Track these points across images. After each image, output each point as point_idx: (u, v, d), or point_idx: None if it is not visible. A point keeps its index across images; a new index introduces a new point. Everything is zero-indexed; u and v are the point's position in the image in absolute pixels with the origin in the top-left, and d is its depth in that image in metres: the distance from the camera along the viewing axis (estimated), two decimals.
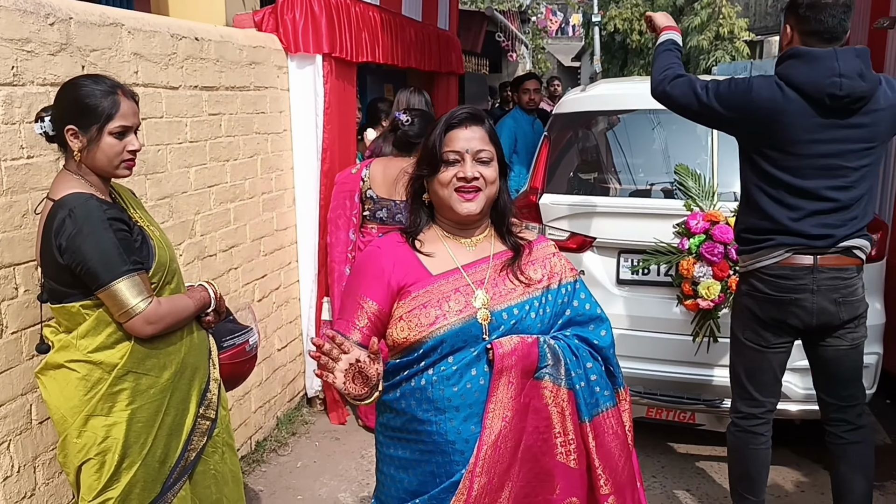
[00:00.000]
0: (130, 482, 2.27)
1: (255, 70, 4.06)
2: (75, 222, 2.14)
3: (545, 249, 2.06)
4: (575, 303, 2.01)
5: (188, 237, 3.47)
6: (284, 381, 4.51)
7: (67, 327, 2.27)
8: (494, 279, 1.95)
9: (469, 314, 1.88)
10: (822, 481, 3.91)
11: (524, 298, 1.94)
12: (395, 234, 2.02)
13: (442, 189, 1.92)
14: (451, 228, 2.00)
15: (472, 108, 2.00)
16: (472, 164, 1.90)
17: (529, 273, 1.97)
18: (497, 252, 2.00)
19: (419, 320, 1.87)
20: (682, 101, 2.99)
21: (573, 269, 2.07)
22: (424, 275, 1.92)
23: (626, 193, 4.13)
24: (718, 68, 18.97)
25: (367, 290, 1.92)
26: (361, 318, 1.90)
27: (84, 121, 2.21)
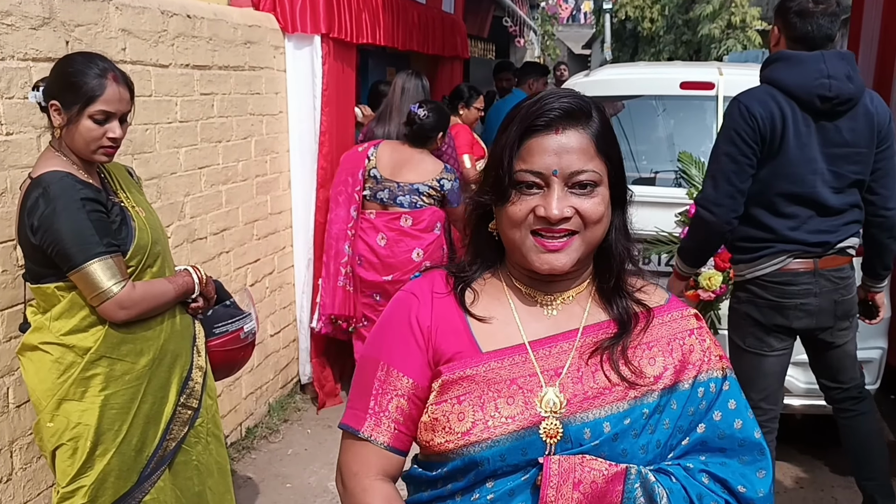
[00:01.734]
0: (104, 470, 2.21)
1: (251, 50, 3.98)
2: (48, 201, 2.08)
3: (678, 323, 1.32)
4: (716, 414, 1.28)
5: (177, 219, 3.40)
6: (277, 367, 4.46)
7: (44, 308, 2.22)
8: (579, 369, 1.25)
9: (527, 424, 1.20)
10: (821, 478, 3.85)
11: (625, 405, 1.23)
12: (439, 277, 1.35)
13: (512, 229, 1.24)
14: (528, 280, 1.32)
15: (574, 98, 1.24)
16: (561, 194, 1.20)
17: (642, 362, 1.26)
18: (592, 323, 1.29)
19: (448, 424, 1.22)
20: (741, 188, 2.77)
21: (723, 356, 1.32)
22: (469, 349, 1.27)
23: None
24: (730, 57, 18.80)
25: (397, 359, 1.29)
26: (397, 405, 1.27)
27: (67, 98, 2.15)
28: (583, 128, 1.23)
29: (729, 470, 1.26)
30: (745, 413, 1.29)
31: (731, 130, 2.75)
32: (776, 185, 2.75)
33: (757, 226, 2.82)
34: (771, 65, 2.81)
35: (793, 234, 2.78)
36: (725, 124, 2.80)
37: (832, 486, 3.77)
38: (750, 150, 2.72)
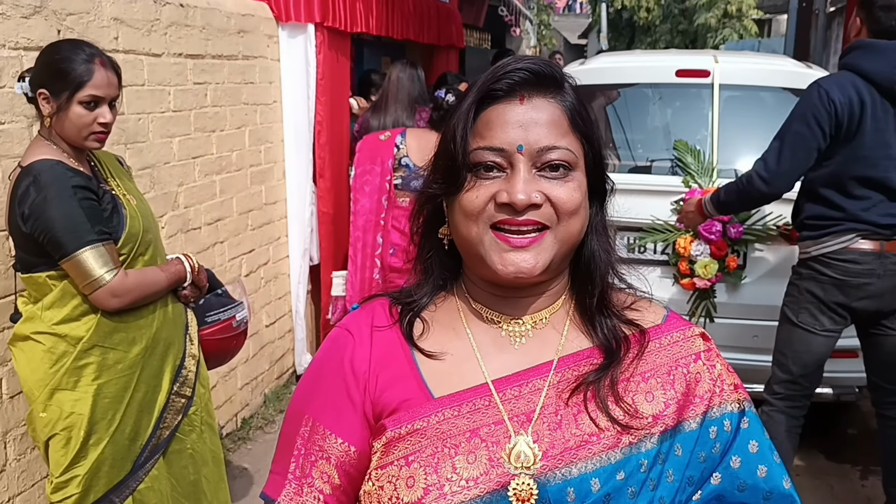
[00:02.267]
0: (98, 459, 2.21)
1: (244, 39, 3.96)
2: (39, 189, 2.07)
3: (681, 345, 1.06)
4: (734, 461, 1.03)
5: (171, 209, 3.38)
6: (272, 357, 4.45)
7: (35, 298, 2.20)
8: (557, 411, 0.99)
9: (493, 487, 0.95)
10: (817, 466, 3.86)
11: (618, 454, 0.97)
12: (381, 307, 1.09)
13: (467, 223, 0.98)
14: (489, 298, 1.05)
15: (540, 61, 1.01)
16: (528, 176, 0.96)
17: (636, 398, 1.01)
18: (571, 352, 1.03)
19: (396, 493, 0.96)
20: (801, 168, 2.91)
21: (738, 385, 1.07)
22: (417, 396, 1.00)
23: (624, 169, 4.03)
24: (726, 46, 18.77)
25: (330, 417, 1.03)
26: (323, 471, 1.02)
27: (55, 85, 2.14)
28: (553, 97, 0.99)
29: None
30: (771, 457, 1.04)
31: (806, 112, 2.84)
32: (850, 169, 2.84)
33: (828, 205, 2.91)
34: (852, 52, 2.91)
35: (864, 215, 2.85)
36: (802, 105, 2.89)
37: (828, 474, 3.78)
38: (821, 134, 2.81)
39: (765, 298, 3.64)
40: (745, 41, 18.68)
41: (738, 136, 3.86)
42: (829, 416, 4.15)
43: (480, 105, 0.99)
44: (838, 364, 3.53)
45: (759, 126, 3.96)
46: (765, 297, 3.64)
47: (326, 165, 4.43)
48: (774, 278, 3.64)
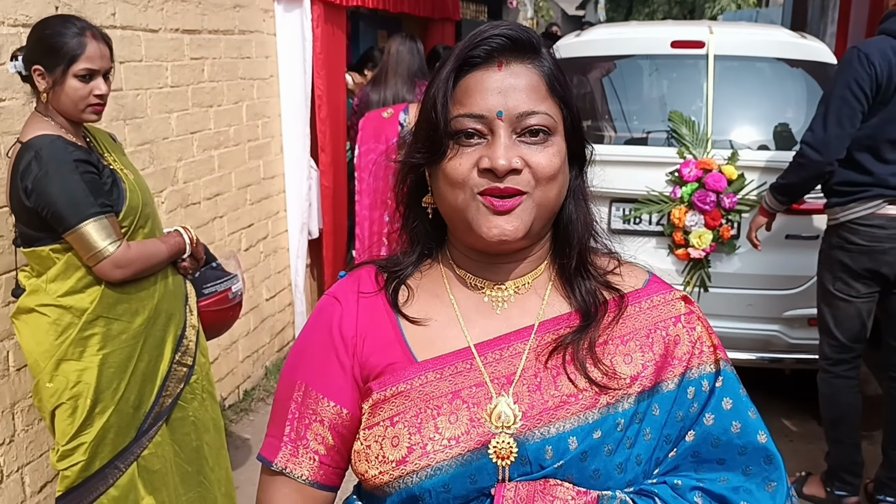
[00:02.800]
0: (104, 427, 2.26)
1: (240, 13, 3.96)
2: (41, 164, 2.10)
3: (661, 309, 1.08)
4: (708, 418, 1.04)
5: (170, 184, 3.41)
6: (273, 330, 4.50)
7: (39, 271, 2.24)
8: (536, 374, 1.02)
9: (474, 446, 0.98)
10: (810, 431, 3.93)
11: (595, 414, 0.99)
12: (367, 274, 1.11)
13: (452, 191, 1.00)
14: (472, 264, 1.07)
15: (517, 26, 1.02)
16: (508, 142, 0.97)
17: (614, 360, 1.03)
18: (551, 317, 1.05)
19: (382, 452, 1.00)
20: (849, 131, 2.93)
21: (717, 346, 1.08)
22: (402, 360, 1.04)
23: (620, 141, 4.05)
24: (724, 16, 18.67)
25: (321, 381, 1.06)
26: (317, 433, 1.05)
27: (49, 61, 2.16)
28: (531, 62, 1.00)
29: (729, 485, 1.02)
30: (746, 413, 1.05)
31: (848, 76, 2.88)
32: (886, 131, 2.90)
33: (859, 170, 2.96)
34: (890, 18, 2.96)
35: (892, 180, 2.91)
36: (843, 70, 2.93)
37: (821, 438, 3.83)
38: (864, 96, 2.86)
39: (759, 267, 3.69)
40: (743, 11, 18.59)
41: (733, 106, 3.87)
42: None
43: (459, 72, 1.00)
44: None
45: (753, 96, 3.99)
46: (759, 266, 3.69)
47: (327, 140, 4.45)
48: (768, 248, 3.68)
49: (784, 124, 3.88)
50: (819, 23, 9.04)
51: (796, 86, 3.93)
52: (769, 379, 4.36)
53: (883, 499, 3.21)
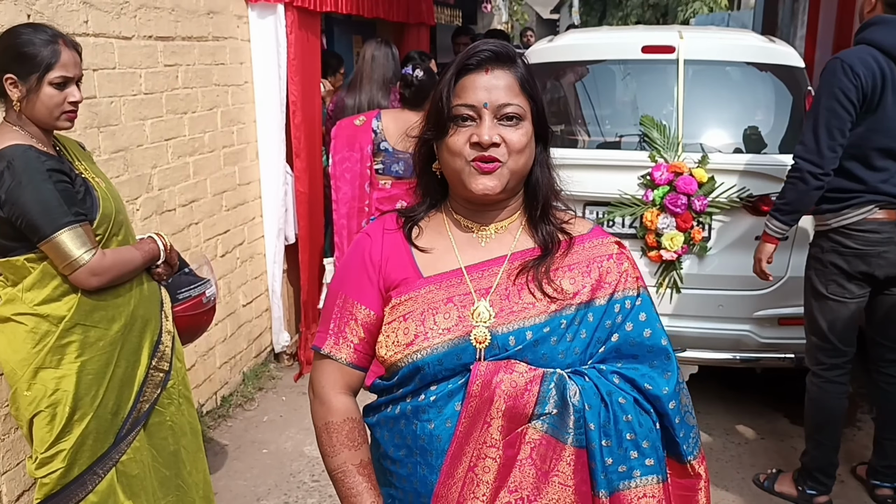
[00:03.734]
0: (83, 434, 2.27)
1: (214, 20, 3.97)
2: (14, 174, 2.10)
3: (597, 248, 1.47)
4: (628, 325, 1.42)
5: (145, 191, 3.41)
6: (250, 336, 4.50)
7: (14, 281, 2.24)
8: (506, 287, 1.42)
9: (460, 334, 1.38)
10: (781, 429, 4.00)
11: (545, 317, 1.39)
12: (390, 218, 1.55)
13: (452, 158, 1.40)
14: (466, 212, 1.49)
15: (500, 45, 1.43)
16: (491, 124, 1.37)
17: (561, 281, 1.42)
18: (519, 250, 1.46)
19: (396, 337, 1.42)
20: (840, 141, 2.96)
21: (639, 278, 1.48)
22: (413, 275, 1.45)
23: (592, 145, 4.10)
24: (696, 19, 18.86)
25: (356, 291, 1.48)
26: (354, 329, 1.47)
27: (22, 70, 2.16)
28: (508, 69, 1.42)
29: (638, 372, 1.42)
30: (655, 324, 1.45)
31: (833, 87, 2.92)
32: (872, 140, 2.95)
33: (849, 178, 3.00)
34: (869, 27, 2.99)
35: (883, 186, 2.97)
36: (827, 81, 2.95)
37: (791, 436, 3.92)
38: (851, 107, 2.90)
39: (729, 269, 3.75)
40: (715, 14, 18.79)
41: (703, 110, 3.94)
42: (792, 381, 4.29)
43: (458, 75, 1.42)
44: (800, 331, 3.65)
45: (723, 100, 4.05)
46: (729, 267, 3.75)
47: (302, 146, 4.46)
48: (738, 249, 3.75)
49: (754, 127, 3.95)
50: (790, 26, 9.18)
51: (765, 89, 4.00)
52: (741, 378, 4.44)
53: (880, 484, 3.31)
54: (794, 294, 3.65)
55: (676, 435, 1.42)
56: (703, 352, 3.85)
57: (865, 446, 3.45)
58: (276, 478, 3.55)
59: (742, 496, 3.41)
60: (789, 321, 3.72)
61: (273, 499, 3.40)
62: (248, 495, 3.43)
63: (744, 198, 3.67)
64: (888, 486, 3.29)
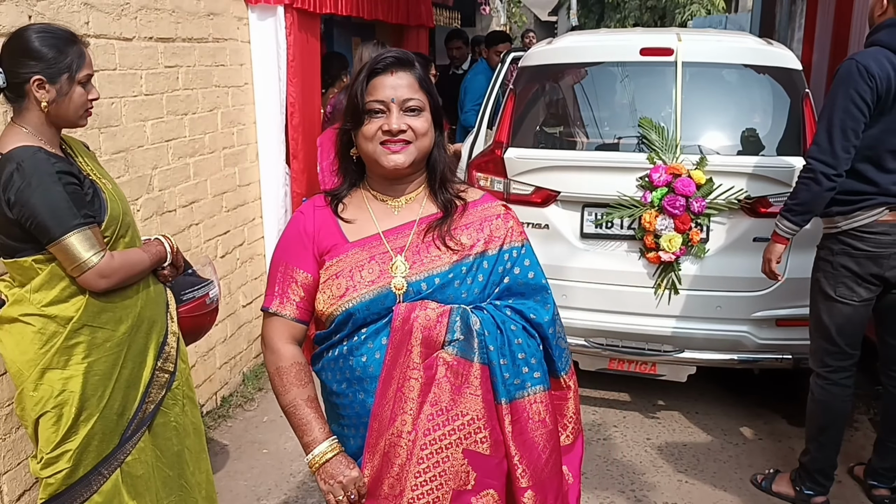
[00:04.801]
0: (89, 434, 2.27)
1: (214, 21, 3.98)
2: (23, 176, 2.10)
3: (487, 210, 1.82)
4: (516, 269, 1.78)
5: (146, 192, 3.42)
6: (250, 337, 4.51)
7: (21, 282, 2.24)
8: (417, 245, 1.74)
9: (382, 284, 1.70)
10: (779, 430, 4.01)
11: (449, 266, 1.73)
12: (319, 198, 1.85)
13: (367, 143, 1.71)
14: (381, 187, 1.80)
15: (400, 52, 1.77)
16: (398, 115, 1.69)
17: (460, 237, 1.75)
18: (426, 215, 1.78)
19: (331, 292, 1.71)
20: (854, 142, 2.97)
21: (522, 233, 1.83)
22: (341, 241, 1.76)
23: (591, 147, 4.12)
24: (694, 22, 18.90)
25: (294, 258, 1.77)
26: (295, 290, 1.76)
27: (51, 71, 2.17)
28: (409, 71, 1.73)
29: (525, 305, 1.77)
30: (537, 268, 1.82)
31: (849, 88, 2.92)
32: (886, 142, 2.96)
33: (861, 180, 3.01)
34: (882, 30, 3.00)
35: (894, 188, 2.97)
36: (843, 82, 2.95)
37: (789, 436, 3.94)
38: (866, 108, 2.90)
39: (727, 270, 3.78)
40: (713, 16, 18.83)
41: (701, 112, 3.96)
42: (789, 381, 4.31)
43: (370, 76, 1.73)
44: (798, 332, 3.68)
45: (721, 102, 4.07)
46: (727, 268, 3.78)
47: (300, 147, 4.48)
48: (736, 251, 3.77)
49: (752, 129, 3.97)
50: (787, 28, 9.19)
51: (763, 92, 4.02)
52: (739, 379, 4.46)
53: (877, 485, 3.32)
54: (791, 295, 3.67)
55: (553, 354, 1.78)
56: (702, 353, 3.87)
57: (862, 447, 3.46)
58: (277, 478, 3.56)
59: (740, 496, 3.43)
60: (787, 322, 3.74)
61: (273, 499, 3.41)
62: (249, 495, 3.44)
63: (742, 199, 3.69)
64: (885, 487, 3.31)
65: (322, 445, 1.71)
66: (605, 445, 3.85)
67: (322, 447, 1.71)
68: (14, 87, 2.18)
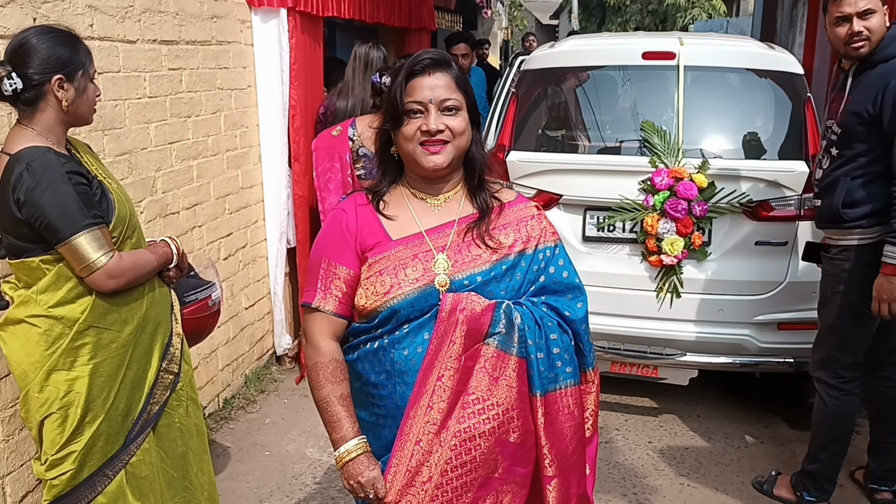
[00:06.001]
0: (94, 435, 2.28)
1: (217, 24, 3.99)
2: (33, 176, 2.11)
3: (522, 211, 1.88)
4: (551, 269, 1.85)
5: (149, 194, 3.43)
6: (252, 339, 4.52)
7: (27, 283, 2.24)
8: (458, 244, 1.80)
9: (426, 282, 1.75)
10: (781, 433, 4.02)
11: (490, 265, 1.79)
12: (360, 195, 1.89)
13: (406, 143, 1.76)
14: (420, 185, 1.85)
15: (438, 53, 1.80)
16: (436, 115, 1.74)
17: (499, 237, 1.81)
18: (465, 215, 1.84)
19: (375, 288, 1.75)
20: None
21: (555, 233, 1.90)
22: (384, 240, 1.80)
23: (593, 150, 4.13)
24: (695, 26, 18.91)
25: (336, 254, 1.81)
26: (338, 285, 1.80)
27: (68, 69, 2.19)
28: (446, 71, 1.78)
29: (559, 302, 1.83)
30: (570, 267, 1.89)
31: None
32: None
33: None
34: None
35: None
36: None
37: (790, 440, 3.94)
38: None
39: (729, 273, 3.78)
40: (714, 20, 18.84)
41: (704, 116, 3.97)
42: (790, 385, 4.31)
43: (408, 78, 1.77)
44: (799, 335, 3.69)
45: (723, 107, 4.08)
46: (729, 272, 3.78)
47: (301, 149, 4.48)
48: (738, 254, 3.78)
49: (753, 133, 3.98)
50: (788, 33, 9.21)
51: (765, 96, 4.03)
52: (740, 382, 4.46)
53: (878, 488, 3.32)
54: (794, 299, 3.68)
55: (584, 349, 1.85)
56: (703, 356, 3.87)
57: (863, 450, 3.46)
58: (279, 480, 3.56)
59: (742, 500, 3.43)
60: (789, 326, 3.75)
61: (276, 501, 3.41)
62: (251, 497, 3.44)
63: (744, 203, 3.70)
64: (887, 490, 3.31)
65: (349, 443, 1.77)
66: (607, 448, 3.85)
67: (349, 444, 1.77)
68: (32, 89, 2.17)
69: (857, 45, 2.96)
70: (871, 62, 2.99)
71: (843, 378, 3.18)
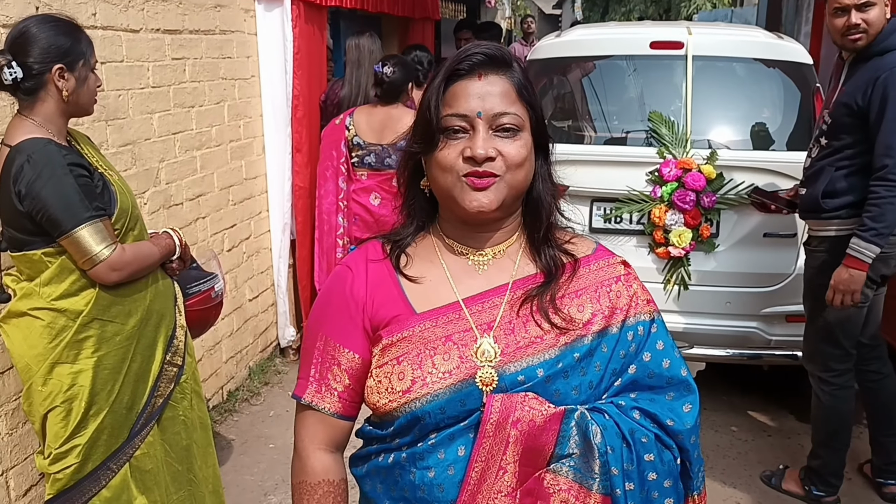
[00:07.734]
0: (98, 428, 2.26)
1: (221, 13, 3.95)
2: (34, 168, 2.08)
3: (606, 270, 1.33)
4: (646, 356, 1.29)
5: (153, 185, 3.40)
6: (256, 331, 4.50)
7: (29, 275, 2.22)
8: (510, 320, 1.26)
9: (464, 377, 1.21)
10: (787, 426, 4.00)
11: (557, 352, 1.24)
12: (374, 246, 1.36)
13: (442, 174, 1.23)
14: (459, 234, 1.31)
15: (493, 47, 1.27)
16: (486, 137, 1.21)
17: (570, 310, 1.27)
18: (522, 277, 1.29)
19: (390, 384, 1.23)
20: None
21: (650, 300, 1.34)
22: (405, 312, 1.27)
23: (600, 141, 4.09)
24: (699, 16, 18.83)
25: (337, 332, 1.30)
26: (338, 376, 1.29)
27: (69, 59, 2.17)
28: (504, 74, 1.25)
29: (658, 405, 1.27)
30: (673, 353, 1.32)
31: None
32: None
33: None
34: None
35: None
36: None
37: (798, 433, 3.92)
38: None
39: (737, 266, 3.75)
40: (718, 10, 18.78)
41: (712, 106, 3.93)
42: (798, 378, 4.28)
43: (448, 81, 1.25)
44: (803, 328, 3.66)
45: (731, 97, 4.04)
46: (737, 264, 3.75)
47: (304, 140, 4.45)
48: (746, 246, 3.74)
49: (761, 124, 3.94)
50: (793, 22, 9.15)
51: (773, 86, 3.99)
52: (747, 374, 4.43)
53: (885, 482, 3.31)
54: (801, 291, 3.65)
55: (692, 470, 1.30)
56: (711, 349, 3.84)
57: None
58: (283, 472, 3.55)
59: (750, 494, 3.41)
60: (797, 318, 3.71)
61: (280, 493, 3.40)
62: (256, 490, 3.43)
63: (751, 194, 3.66)
64: (894, 483, 3.29)
65: None
66: None
67: None
68: (32, 79, 2.14)
69: (854, 37, 2.93)
70: (867, 54, 2.96)
71: (834, 371, 3.16)
